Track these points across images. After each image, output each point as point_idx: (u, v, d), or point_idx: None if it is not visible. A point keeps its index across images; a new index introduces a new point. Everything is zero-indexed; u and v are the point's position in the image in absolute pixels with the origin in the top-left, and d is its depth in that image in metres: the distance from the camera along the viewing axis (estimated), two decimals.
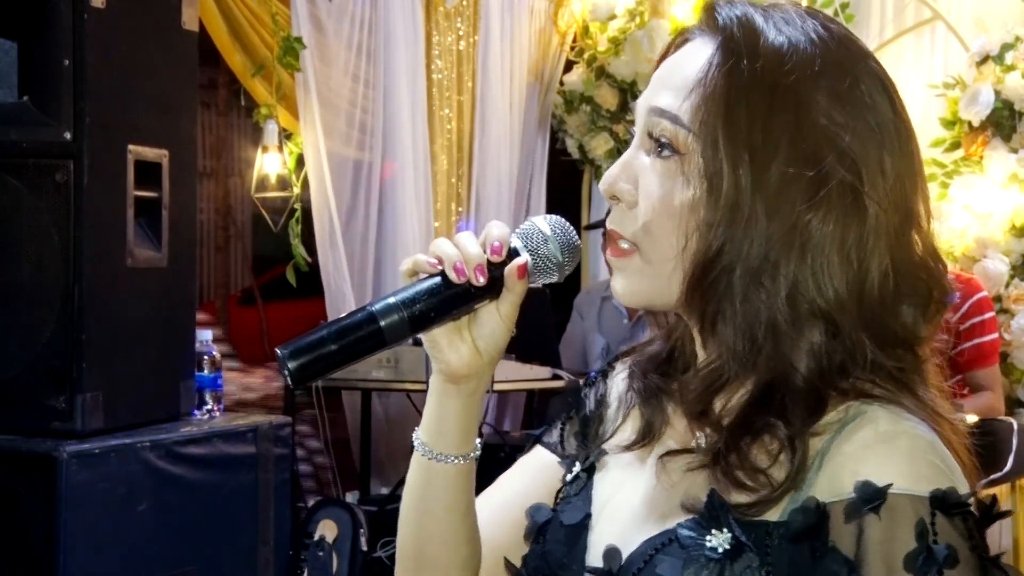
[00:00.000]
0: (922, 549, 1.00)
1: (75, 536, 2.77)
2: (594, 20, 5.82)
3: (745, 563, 1.04)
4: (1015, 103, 4.41)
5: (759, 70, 1.09)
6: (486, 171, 5.86)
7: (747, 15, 1.13)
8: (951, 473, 1.05)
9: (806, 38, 1.11)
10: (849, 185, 1.08)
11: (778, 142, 1.08)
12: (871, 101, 1.11)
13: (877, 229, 1.09)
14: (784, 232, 1.07)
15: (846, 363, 1.09)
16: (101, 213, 2.87)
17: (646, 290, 1.16)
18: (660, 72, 1.17)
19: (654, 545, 1.10)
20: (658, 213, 1.12)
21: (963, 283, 3.99)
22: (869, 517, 1.01)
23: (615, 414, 1.30)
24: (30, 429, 2.83)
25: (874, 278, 1.09)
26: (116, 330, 2.92)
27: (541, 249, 1.18)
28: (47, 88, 2.84)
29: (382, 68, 5.43)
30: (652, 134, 1.13)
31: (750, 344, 1.09)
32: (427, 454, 1.23)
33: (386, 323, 1.12)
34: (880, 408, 1.07)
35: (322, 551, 4.21)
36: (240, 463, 3.18)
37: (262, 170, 5.27)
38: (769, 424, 1.08)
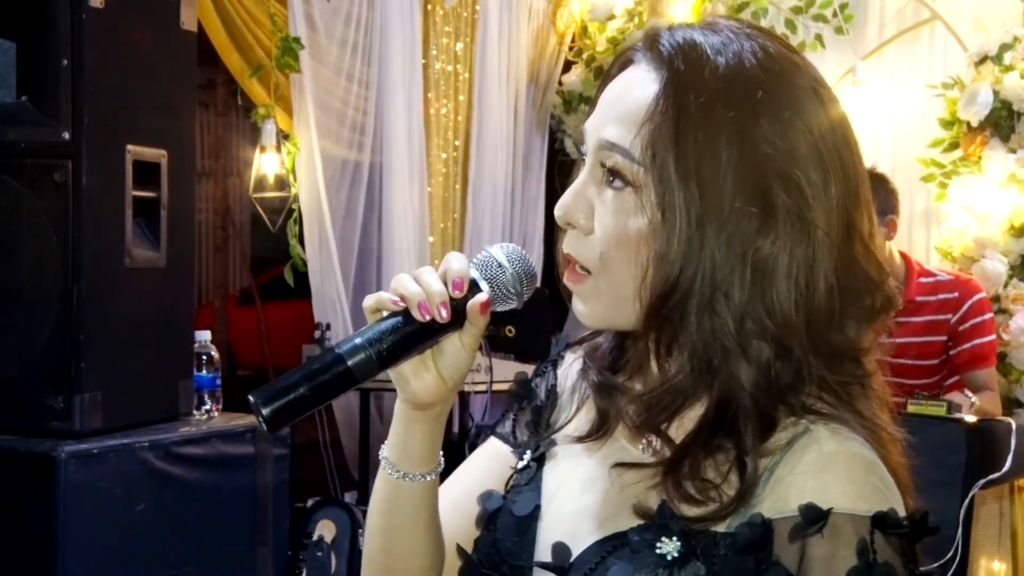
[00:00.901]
0: (863, 566, 1.05)
1: (74, 536, 2.77)
2: (592, 20, 5.82)
3: (693, 571, 1.10)
4: (1013, 103, 4.41)
5: (704, 104, 1.12)
6: (483, 172, 5.85)
7: (689, 43, 1.16)
8: (889, 493, 1.10)
9: (748, 63, 1.14)
10: (795, 211, 1.12)
11: (726, 175, 1.11)
12: (812, 124, 1.14)
13: (822, 249, 1.13)
14: (735, 261, 1.11)
15: (795, 382, 1.14)
16: (100, 213, 2.87)
17: (602, 312, 1.20)
18: (607, 97, 1.20)
19: (605, 548, 1.15)
20: (613, 243, 1.16)
21: (961, 284, 3.99)
22: (814, 538, 1.06)
23: (567, 404, 1.34)
24: (29, 429, 2.83)
25: (821, 296, 1.13)
26: (115, 330, 2.92)
27: (499, 279, 1.22)
28: (46, 88, 2.84)
29: (379, 69, 5.43)
30: (605, 165, 1.17)
31: (704, 366, 1.13)
32: (394, 473, 1.27)
33: (354, 363, 1.16)
34: (824, 427, 1.12)
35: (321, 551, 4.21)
36: (239, 463, 3.18)
37: (260, 170, 5.27)
38: (719, 445, 1.13)
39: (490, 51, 5.84)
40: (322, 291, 5.31)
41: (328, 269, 5.29)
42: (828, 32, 5.02)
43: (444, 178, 5.80)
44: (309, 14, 5.16)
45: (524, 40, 6.00)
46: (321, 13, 5.22)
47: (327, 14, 5.25)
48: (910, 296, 3.97)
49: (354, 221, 5.47)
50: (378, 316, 1.19)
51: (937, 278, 4.01)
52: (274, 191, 5.29)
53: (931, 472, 3.69)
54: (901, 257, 4.01)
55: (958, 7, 4.83)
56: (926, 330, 3.95)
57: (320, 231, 5.26)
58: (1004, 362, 4.35)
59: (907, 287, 3.97)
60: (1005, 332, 4.33)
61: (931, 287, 3.98)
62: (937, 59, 4.93)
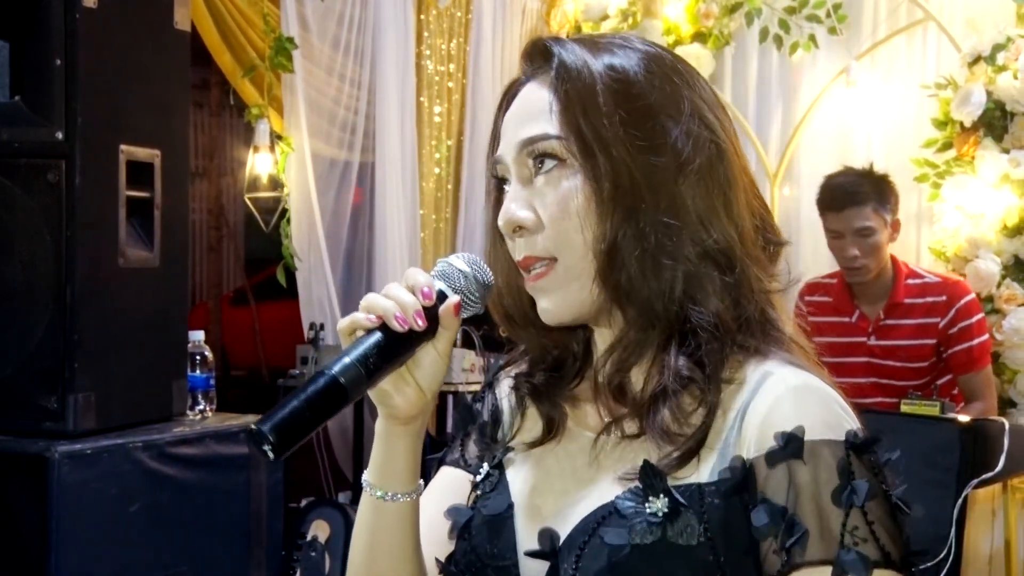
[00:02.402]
0: (845, 484, 1.12)
1: (67, 537, 2.76)
2: (587, 20, 5.81)
3: (684, 522, 1.15)
4: (1007, 104, 4.42)
5: (598, 73, 1.23)
6: (476, 173, 5.85)
7: (573, 45, 1.27)
8: (852, 419, 1.18)
9: (630, 48, 1.27)
10: (706, 140, 1.24)
11: (635, 123, 1.22)
12: (695, 78, 1.28)
13: (738, 177, 1.26)
14: (667, 195, 1.21)
15: (741, 295, 1.23)
16: (93, 213, 2.87)
17: (574, 297, 1.25)
18: (510, 117, 1.29)
19: (596, 519, 1.19)
20: (561, 219, 1.23)
21: (949, 287, 3.99)
22: (796, 464, 1.13)
23: (510, 418, 1.39)
24: (22, 429, 2.83)
25: (746, 219, 1.25)
26: (108, 330, 2.92)
27: (462, 286, 1.27)
28: (39, 88, 2.83)
29: (372, 69, 5.43)
30: (530, 158, 1.25)
31: (668, 300, 1.21)
32: (379, 494, 1.30)
33: (347, 382, 1.19)
34: (782, 367, 1.21)
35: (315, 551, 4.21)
36: (232, 463, 3.18)
37: (254, 170, 5.27)
38: (685, 368, 1.21)
39: (483, 51, 5.84)
40: (311, 291, 5.30)
41: (318, 269, 5.29)
42: (821, 32, 5.03)
43: (437, 178, 5.80)
44: (302, 14, 5.16)
45: (517, 40, 6.00)
46: (314, 13, 5.22)
47: (320, 14, 5.25)
48: (898, 299, 3.97)
49: (344, 220, 5.47)
50: (354, 337, 1.23)
51: (925, 280, 4.01)
52: (268, 191, 5.29)
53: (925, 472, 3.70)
54: (891, 259, 4.02)
55: (951, 7, 4.83)
56: (915, 333, 3.96)
57: (310, 231, 5.25)
58: (998, 362, 4.36)
59: (895, 289, 3.97)
60: (998, 332, 4.33)
61: (919, 289, 3.98)
62: (930, 59, 4.93)
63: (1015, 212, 4.41)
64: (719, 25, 5.22)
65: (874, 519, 1.12)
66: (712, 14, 5.24)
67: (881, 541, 1.11)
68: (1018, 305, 4.39)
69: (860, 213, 3.89)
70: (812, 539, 1.11)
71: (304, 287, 5.30)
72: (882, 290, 4.00)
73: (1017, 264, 4.44)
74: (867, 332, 3.99)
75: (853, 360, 4.01)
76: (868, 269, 3.92)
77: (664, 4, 5.40)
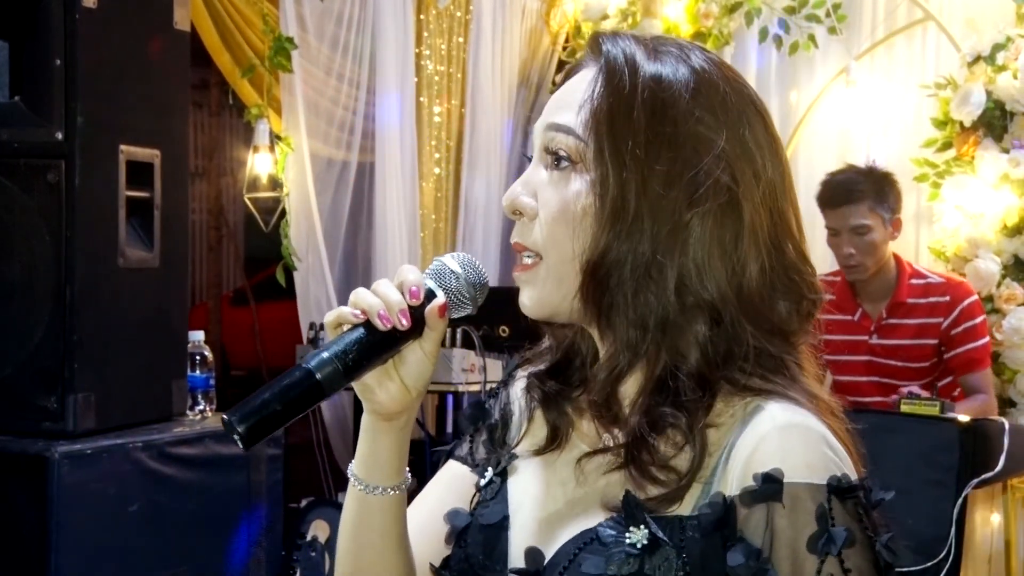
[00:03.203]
0: (823, 532, 1.10)
1: (67, 537, 2.76)
2: (586, 20, 5.81)
3: (663, 556, 1.13)
4: (1006, 103, 4.42)
5: (639, 86, 1.20)
6: (476, 172, 5.84)
7: (628, 46, 1.24)
8: (841, 461, 1.15)
9: (683, 63, 1.22)
10: (725, 186, 1.19)
11: (659, 148, 1.18)
12: (744, 118, 1.22)
13: (752, 229, 1.20)
14: (668, 230, 1.18)
15: (732, 350, 1.19)
16: (93, 213, 2.87)
17: (549, 297, 1.24)
18: (555, 96, 1.28)
19: (577, 544, 1.18)
20: (556, 220, 1.22)
21: (953, 287, 4.00)
22: (775, 507, 1.11)
23: (519, 421, 1.38)
24: (22, 429, 2.83)
25: (752, 273, 1.20)
26: (108, 330, 2.92)
27: (453, 286, 1.26)
28: (39, 88, 2.83)
29: (371, 69, 5.42)
30: (549, 148, 1.24)
31: (642, 334, 1.19)
32: (363, 488, 1.30)
33: (323, 376, 1.19)
34: (775, 404, 1.17)
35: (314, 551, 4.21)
36: (232, 463, 3.18)
37: (253, 170, 5.26)
38: (669, 415, 1.18)
39: (483, 51, 5.83)
40: (308, 292, 5.29)
41: (316, 269, 5.28)
42: (821, 32, 5.03)
43: (436, 178, 5.80)
44: (300, 14, 5.15)
45: (517, 40, 6.00)
46: (312, 13, 5.21)
47: (319, 14, 5.24)
48: (901, 298, 3.97)
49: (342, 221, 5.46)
50: (340, 331, 1.23)
51: (928, 280, 4.01)
52: (267, 191, 5.29)
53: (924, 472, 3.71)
54: (894, 258, 4.02)
55: (951, 7, 4.83)
56: (917, 333, 3.96)
57: (308, 231, 5.25)
58: (997, 362, 4.36)
59: (898, 289, 3.97)
60: (998, 332, 4.33)
61: (922, 289, 3.98)
62: (930, 59, 4.93)
63: (1015, 212, 4.41)
64: (719, 25, 5.21)
65: (851, 568, 1.09)
66: (712, 14, 5.24)
67: None
68: (1018, 305, 4.39)
69: (855, 211, 3.89)
70: None
71: (302, 287, 5.29)
72: (884, 289, 4.00)
73: (1017, 264, 4.44)
74: (869, 331, 3.99)
75: (854, 359, 4.01)
76: (865, 267, 3.92)
77: (664, 4, 5.40)
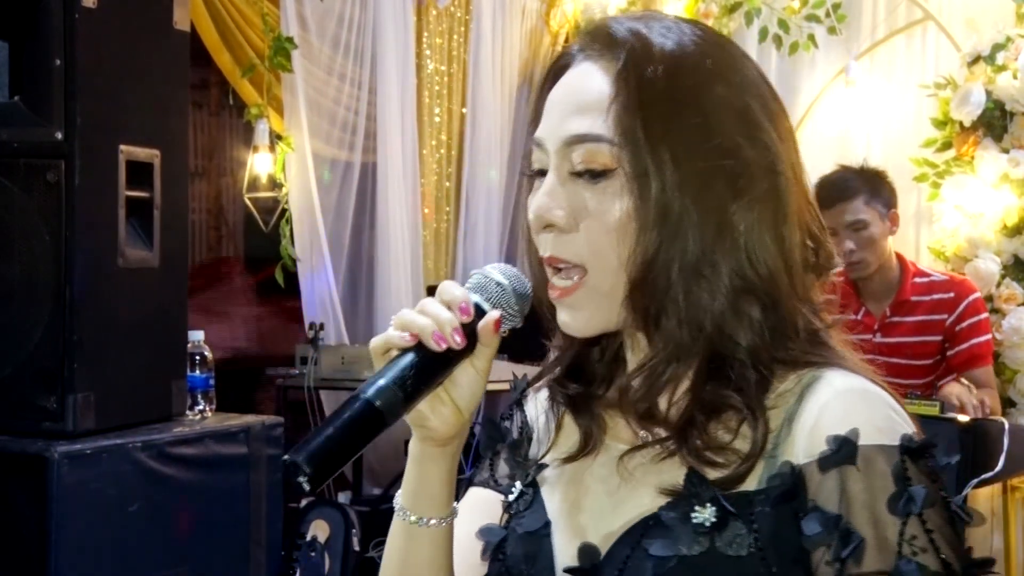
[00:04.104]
0: (902, 492, 1.07)
1: (67, 537, 2.76)
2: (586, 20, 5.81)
3: (733, 532, 1.10)
4: (1006, 103, 4.42)
5: (662, 75, 1.15)
6: (476, 172, 5.85)
7: (636, 28, 1.19)
8: (905, 423, 1.12)
9: (690, 41, 1.18)
10: (764, 167, 1.16)
11: (694, 139, 1.14)
12: (758, 87, 1.20)
13: (791, 204, 1.18)
14: (715, 223, 1.14)
15: (785, 331, 1.16)
16: (92, 213, 2.87)
17: (597, 316, 1.19)
18: (560, 98, 1.21)
19: (638, 531, 1.14)
20: (598, 231, 1.16)
21: (956, 285, 4.00)
22: (849, 470, 1.07)
23: (542, 434, 1.32)
24: (21, 429, 2.82)
25: (796, 249, 1.18)
26: (108, 330, 2.92)
27: (501, 299, 1.20)
28: (38, 88, 2.83)
29: (372, 69, 5.42)
30: (575, 160, 1.17)
31: (696, 332, 1.15)
32: (411, 520, 1.24)
33: (383, 405, 1.12)
34: (830, 371, 1.15)
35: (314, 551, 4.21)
36: (232, 463, 3.18)
37: (253, 170, 5.26)
38: (724, 397, 1.14)
39: (483, 51, 5.84)
40: (312, 291, 5.30)
41: (319, 269, 5.29)
42: (821, 32, 5.03)
43: (437, 178, 5.80)
44: (301, 14, 5.15)
45: (517, 40, 6.00)
46: (313, 13, 5.22)
47: (319, 14, 5.25)
48: (905, 296, 3.97)
49: (345, 221, 5.47)
50: (387, 356, 1.16)
51: (932, 278, 4.02)
52: (267, 191, 5.29)
53: None
54: (897, 257, 4.02)
55: (951, 7, 4.84)
56: (921, 330, 3.96)
57: (311, 231, 5.25)
58: (997, 362, 4.36)
59: (902, 287, 3.97)
60: (998, 332, 4.34)
61: (926, 287, 3.98)
62: (930, 59, 4.93)
63: (1014, 212, 4.42)
64: (718, 25, 5.21)
65: (933, 528, 1.06)
66: (711, 14, 5.24)
67: (941, 551, 1.05)
68: (1018, 305, 4.40)
69: (850, 207, 3.89)
70: (868, 549, 1.05)
71: (306, 287, 5.30)
72: (888, 287, 3.99)
73: (1017, 264, 4.45)
74: (873, 329, 3.99)
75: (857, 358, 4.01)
76: (867, 263, 3.91)
77: (663, 4, 5.40)
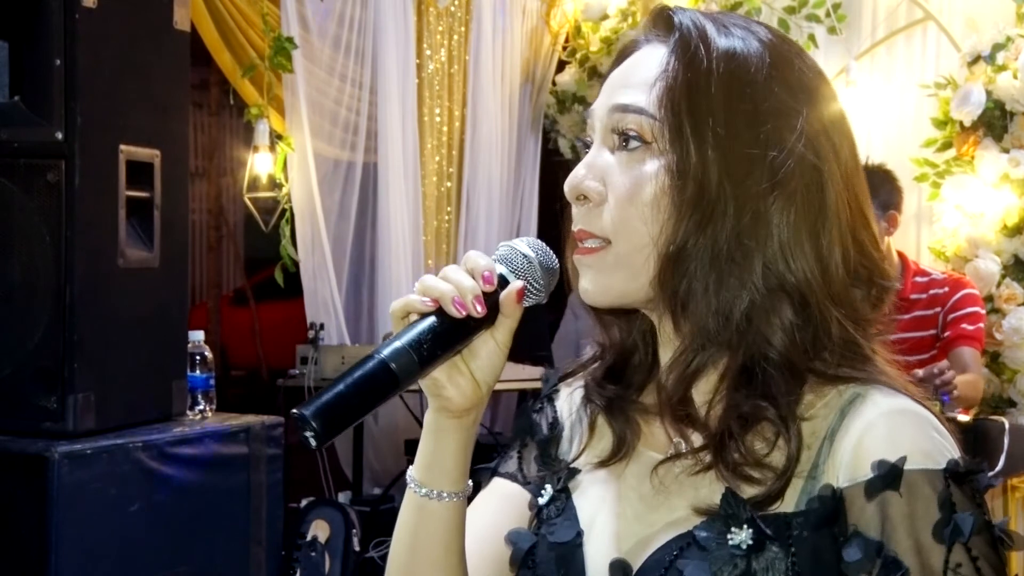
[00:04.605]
0: (947, 519, 1.03)
1: (67, 537, 2.76)
2: (586, 20, 5.82)
3: (770, 556, 1.07)
4: (1006, 103, 4.42)
5: (716, 60, 1.13)
6: (477, 172, 5.85)
7: (698, 17, 1.18)
8: (951, 446, 1.08)
9: (754, 36, 1.16)
10: (810, 164, 1.14)
11: (740, 126, 1.12)
12: (819, 94, 1.17)
13: (836, 210, 1.14)
14: (752, 212, 1.11)
15: (818, 337, 1.13)
16: (93, 213, 2.87)
17: (618, 285, 1.16)
18: (615, 77, 1.20)
19: (672, 551, 1.11)
20: (629, 204, 1.14)
21: (953, 282, 4.03)
22: (890, 495, 1.04)
23: (575, 434, 1.30)
24: (21, 429, 2.82)
25: (836, 257, 1.13)
26: (108, 330, 2.92)
27: (527, 271, 1.19)
28: (38, 88, 2.83)
29: (372, 69, 5.43)
30: (616, 130, 1.16)
31: (724, 322, 1.12)
32: (423, 492, 1.22)
33: (398, 367, 1.11)
34: (873, 389, 1.11)
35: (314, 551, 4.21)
36: (232, 463, 3.18)
37: (253, 170, 5.27)
38: (759, 409, 1.11)
39: (484, 51, 5.84)
40: (315, 291, 5.30)
41: (321, 269, 5.29)
42: (821, 32, 5.03)
43: (438, 177, 5.80)
44: (302, 14, 5.15)
45: (518, 40, 6.00)
46: (314, 13, 5.22)
47: (320, 14, 5.25)
48: (904, 294, 3.98)
49: (347, 221, 5.47)
50: (407, 321, 1.15)
51: (931, 277, 4.04)
52: (267, 191, 5.29)
53: None
54: (898, 256, 4.03)
55: (951, 7, 4.84)
56: (916, 326, 3.97)
57: (313, 231, 5.25)
58: (997, 361, 4.37)
59: (902, 286, 3.98)
60: (998, 332, 4.34)
61: (924, 285, 4.00)
62: (930, 59, 4.93)
63: (1015, 212, 4.42)
64: None
65: (978, 555, 1.03)
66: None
67: None
68: (1018, 305, 4.39)
69: None
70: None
71: (309, 287, 5.30)
72: None
73: (1017, 264, 4.45)
74: None
75: None
76: None
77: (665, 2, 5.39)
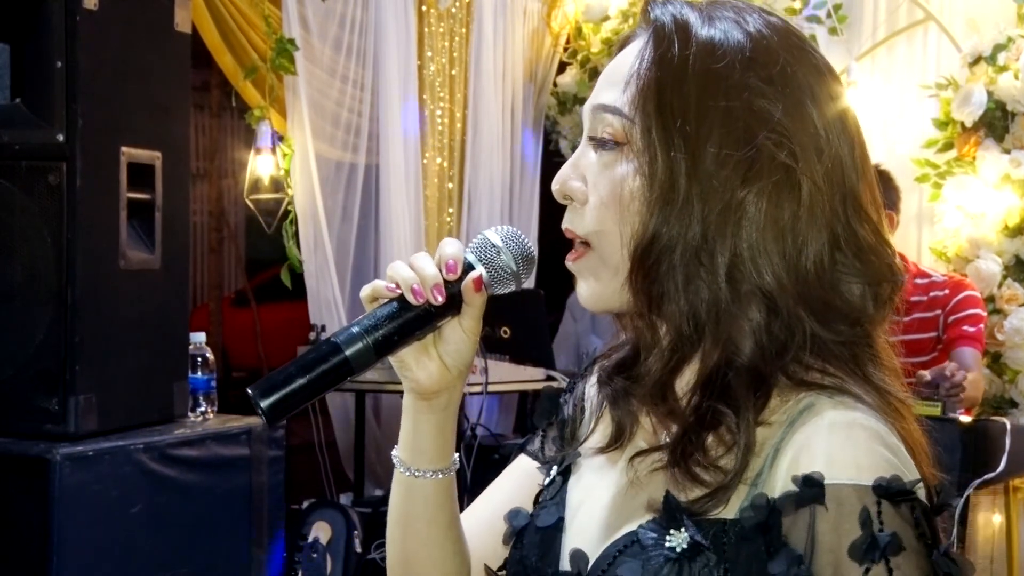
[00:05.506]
0: (866, 537, 1.01)
1: (68, 539, 2.76)
2: (587, 21, 5.82)
3: (703, 562, 1.06)
4: (1007, 104, 4.42)
5: (690, 58, 1.12)
6: (478, 173, 5.85)
7: (680, 11, 1.16)
8: (898, 461, 1.06)
9: (739, 28, 1.14)
10: (781, 163, 1.10)
11: (711, 125, 1.10)
12: (806, 86, 1.14)
13: (812, 207, 1.11)
14: (719, 211, 1.10)
15: (787, 341, 1.11)
16: (94, 215, 2.87)
17: (606, 290, 1.17)
18: (604, 73, 1.21)
19: (617, 547, 1.12)
20: (606, 206, 1.15)
21: (953, 284, 4.04)
22: (818, 510, 1.03)
23: (588, 418, 1.31)
24: (23, 431, 2.83)
25: (810, 255, 1.11)
26: (109, 332, 2.92)
27: (495, 261, 1.20)
28: (40, 90, 2.83)
29: (374, 70, 5.43)
30: (596, 130, 1.17)
31: (694, 323, 1.11)
32: (406, 471, 1.25)
33: (351, 352, 1.14)
34: (828, 399, 1.09)
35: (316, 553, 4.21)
36: (234, 465, 3.18)
37: (255, 172, 5.26)
38: (719, 413, 1.10)
39: (485, 52, 5.84)
40: (318, 292, 5.31)
41: (324, 270, 5.29)
42: (822, 33, 5.02)
43: (439, 179, 5.80)
44: (303, 15, 5.15)
45: (519, 41, 6.00)
46: (315, 15, 5.22)
47: (321, 15, 5.25)
48: (905, 296, 3.97)
49: (350, 222, 5.47)
50: (375, 305, 1.18)
51: (932, 279, 4.04)
52: (269, 193, 5.29)
53: None
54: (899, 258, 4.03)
55: (952, 8, 4.83)
56: (916, 328, 3.97)
57: (316, 233, 5.26)
58: (999, 362, 4.36)
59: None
60: (999, 332, 4.33)
61: (925, 287, 4.00)
62: (931, 60, 4.93)
63: (1016, 212, 4.41)
64: None
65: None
66: None
67: None
68: (1019, 305, 4.39)
69: None
70: None
71: (312, 288, 5.30)
72: None
73: (1018, 264, 4.44)
74: None
75: None
76: None
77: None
